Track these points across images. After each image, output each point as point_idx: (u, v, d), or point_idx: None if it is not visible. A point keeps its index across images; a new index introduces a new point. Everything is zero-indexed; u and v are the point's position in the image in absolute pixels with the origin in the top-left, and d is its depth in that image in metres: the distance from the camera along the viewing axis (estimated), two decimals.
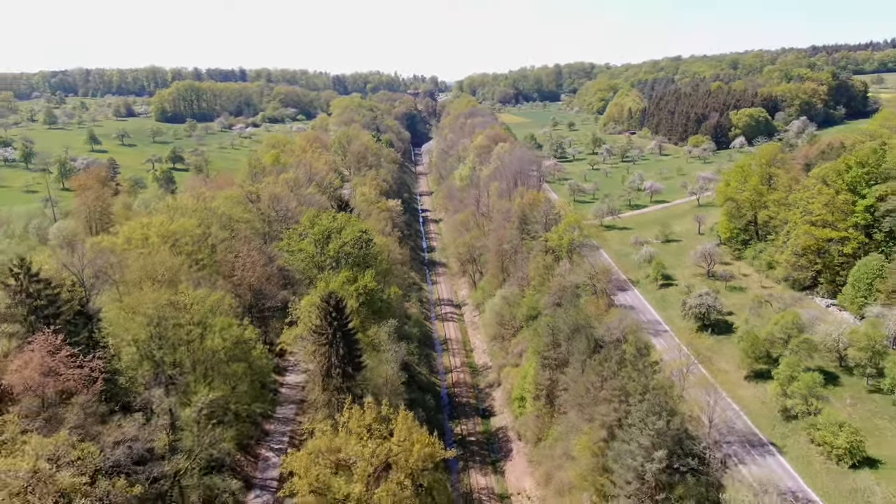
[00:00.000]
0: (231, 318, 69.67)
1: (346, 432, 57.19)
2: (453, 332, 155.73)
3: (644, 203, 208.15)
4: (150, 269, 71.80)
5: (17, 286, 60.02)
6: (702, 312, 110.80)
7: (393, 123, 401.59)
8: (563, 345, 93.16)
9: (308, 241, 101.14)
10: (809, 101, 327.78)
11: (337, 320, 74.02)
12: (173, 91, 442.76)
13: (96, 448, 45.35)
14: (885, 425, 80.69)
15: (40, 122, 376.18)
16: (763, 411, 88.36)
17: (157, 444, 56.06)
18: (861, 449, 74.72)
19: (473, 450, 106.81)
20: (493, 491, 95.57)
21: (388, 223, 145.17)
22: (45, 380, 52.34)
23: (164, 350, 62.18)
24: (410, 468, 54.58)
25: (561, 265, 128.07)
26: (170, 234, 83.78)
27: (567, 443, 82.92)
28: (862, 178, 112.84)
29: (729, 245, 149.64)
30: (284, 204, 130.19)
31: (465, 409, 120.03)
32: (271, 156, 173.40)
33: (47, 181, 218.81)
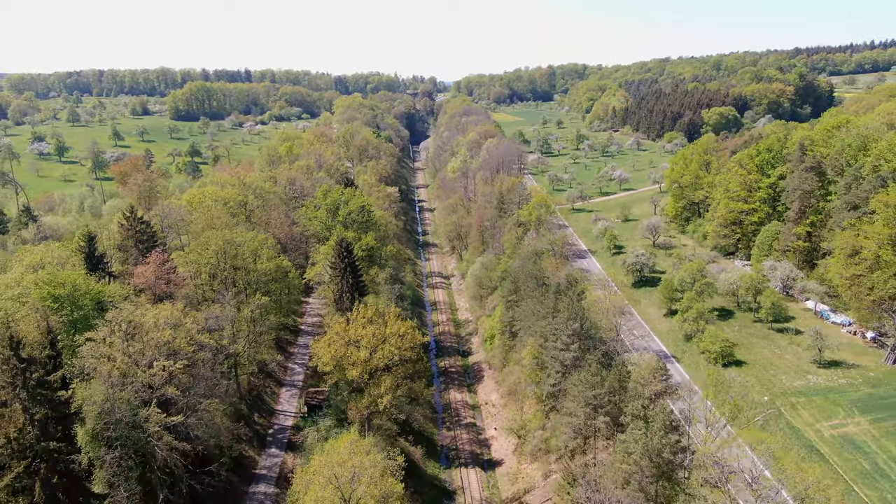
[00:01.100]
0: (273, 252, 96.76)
1: (353, 324, 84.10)
2: (442, 296, 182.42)
3: (613, 190, 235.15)
4: (210, 221, 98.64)
5: (129, 225, 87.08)
6: (637, 269, 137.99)
7: (392, 122, 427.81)
8: (522, 289, 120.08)
9: (322, 210, 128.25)
10: (777, 101, 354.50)
11: (346, 258, 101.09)
12: (186, 91, 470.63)
13: (201, 315, 72.38)
14: (756, 341, 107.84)
15: (64, 119, 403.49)
16: (671, 336, 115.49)
17: (225, 332, 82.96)
18: (731, 354, 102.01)
19: (454, 377, 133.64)
20: (468, 403, 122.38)
21: (385, 201, 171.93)
22: (157, 281, 79.45)
23: (227, 271, 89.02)
24: (398, 343, 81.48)
25: (529, 235, 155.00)
26: (220, 199, 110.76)
27: (520, 355, 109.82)
28: (767, 161, 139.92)
29: (675, 221, 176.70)
30: (300, 185, 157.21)
31: (448, 351, 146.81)
32: (285, 147, 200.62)
33: (88, 170, 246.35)
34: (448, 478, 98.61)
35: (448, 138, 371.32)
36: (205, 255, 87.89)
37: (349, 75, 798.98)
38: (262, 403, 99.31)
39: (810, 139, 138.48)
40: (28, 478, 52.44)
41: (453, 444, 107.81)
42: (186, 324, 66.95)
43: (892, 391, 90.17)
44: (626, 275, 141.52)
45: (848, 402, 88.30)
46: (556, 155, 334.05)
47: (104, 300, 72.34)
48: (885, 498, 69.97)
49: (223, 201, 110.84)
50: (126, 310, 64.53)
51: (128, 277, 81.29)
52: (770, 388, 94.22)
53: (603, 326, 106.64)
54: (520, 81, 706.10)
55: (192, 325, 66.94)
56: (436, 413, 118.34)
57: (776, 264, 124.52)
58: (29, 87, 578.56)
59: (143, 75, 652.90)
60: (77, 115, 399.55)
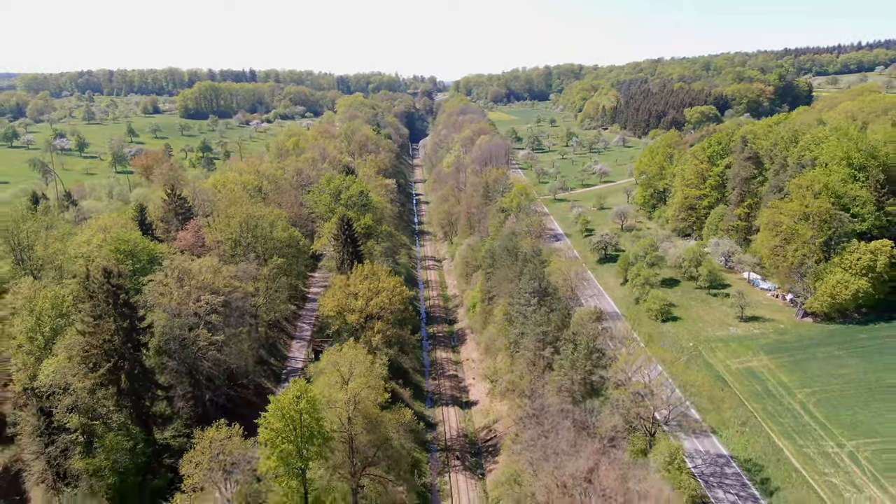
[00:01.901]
0: (286, 224, 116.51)
1: (353, 279, 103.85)
2: (433, 276, 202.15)
3: (594, 183, 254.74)
4: (232, 199, 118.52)
5: (170, 201, 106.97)
6: (602, 247, 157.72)
7: (392, 120, 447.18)
8: (497, 261, 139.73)
9: (325, 194, 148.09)
10: (757, 100, 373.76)
11: (347, 232, 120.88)
12: (196, 91, 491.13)
13: (233, 267, 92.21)
14: (693, 303, 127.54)
15: (79, 118, 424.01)
16: (624, 300, 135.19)
17: (248, 286, 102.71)
18: (669, 312, 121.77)
19: (441, 340, 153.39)
20: (451, 360, 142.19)
21: (382, 190, 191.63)
22: (194, 244, 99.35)
23: (249, 239, 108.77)
24: (389, 295, 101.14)
25: (510, 219, 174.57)
26: (240, 182, 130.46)
27: (495, 316, 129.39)
28: (717, 153, 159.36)
29: (643, 209, 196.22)
30: (306, 174, 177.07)
31: (437, 320, 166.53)
32: (292, 142, 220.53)
33: (108, 164, 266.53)
34: (432, 414, 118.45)
35: (445, 136, 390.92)
36: (231, 226, 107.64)
37: (351, 75, 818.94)
38: (276, 351, 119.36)
39: (753, 133, 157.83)
40: (115, 372, 72.33)
41: (437, 390, 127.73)
42: (223, 271, 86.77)
43: (794, 337, 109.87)
44: (592, 252, 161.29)
45: (756, 346, 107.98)
46: (546, 151, 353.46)
47: (155, 256, 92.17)
48: (767, 409, 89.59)
49: (242, 185, 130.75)
50: (178, 259, 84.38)
51: (171, 241, 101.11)
52: (696, 336, 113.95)
53: (562, 288, 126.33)
54: (517, 81, 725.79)
55: (226, 273, 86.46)
56: (424, 367, 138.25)
57: (719, 241, 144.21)
58: (42, 86, 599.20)
59: (152, 75, 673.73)
60: (92, 113, 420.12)
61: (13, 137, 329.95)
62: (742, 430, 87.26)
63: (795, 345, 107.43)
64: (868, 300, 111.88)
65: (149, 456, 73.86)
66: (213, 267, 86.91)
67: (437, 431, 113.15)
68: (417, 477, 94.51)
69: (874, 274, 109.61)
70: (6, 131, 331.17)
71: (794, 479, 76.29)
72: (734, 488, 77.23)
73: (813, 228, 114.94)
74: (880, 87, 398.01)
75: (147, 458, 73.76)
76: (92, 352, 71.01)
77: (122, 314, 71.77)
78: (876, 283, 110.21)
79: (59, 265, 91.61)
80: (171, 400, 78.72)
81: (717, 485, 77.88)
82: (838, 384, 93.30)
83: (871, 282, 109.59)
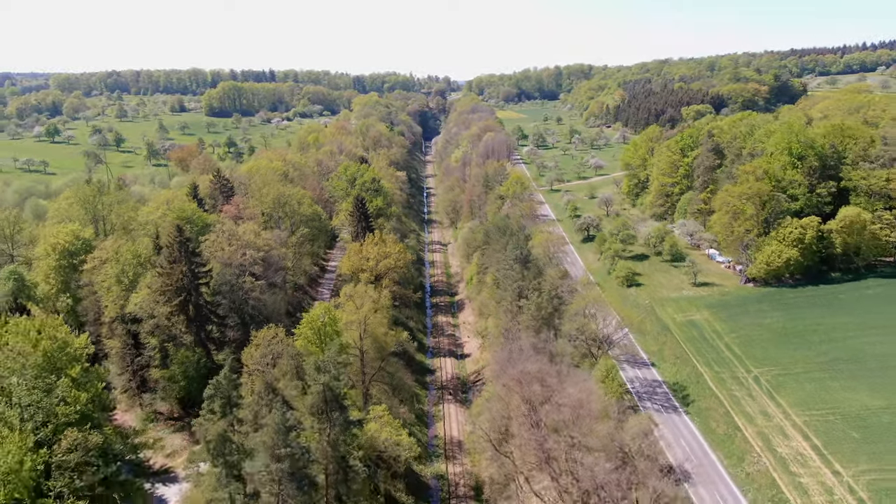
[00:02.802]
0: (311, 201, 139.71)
1: (366, 245, 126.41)
2: (439, 258, 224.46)
3: (589, 175, 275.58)
4: (265, 181, 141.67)
5: (216, 181, 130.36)
6: (584, 228, 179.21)
7: (406, 118, 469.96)
8: (491, 238, 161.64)
9: (343, 180, 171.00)
10: (752, 99, 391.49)
11: (361, 209, 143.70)
12: (220, 90, 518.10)
13: (269, 233, 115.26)
14: (656, 273, 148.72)
15: (112, 115, 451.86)
16: (598, 272, 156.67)
17: (280, 251, 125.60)
18: (633, 279, 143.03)
19: (442, 308, 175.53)
20: (451, 323, 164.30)
21: (394, 180, 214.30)
22: (236, 216, 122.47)
23: (279, 213, 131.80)
24: (395, 258, 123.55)
25: (506, 205, 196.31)
26: (270, 168, 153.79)
27: (487, 284, 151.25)
28: (688, 145, 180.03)
29: (628, 196, 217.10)
30: (325, 165, 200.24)
31: (440, 292, 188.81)
32: (312, 137, 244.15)
33: (143, 158, 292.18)
34: (431, 363, 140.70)
35: (455, 133, 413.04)
36: (265, 202, 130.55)
37: (367, 75, 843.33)
38: (301, 308, 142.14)
39: (719, 128, 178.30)
40: (184, 305, 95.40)
41: (437, 346, 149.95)
42: (262, 234, 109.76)
43: (734, 298, 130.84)
44: (577, 233, 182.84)
45: (701, 304, 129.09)
46: (550, 148, 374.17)
47: (207, 223, 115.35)
48: (698, 348, 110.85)
49: (272, 170, 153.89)
50: (227, 224, 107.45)
51: (217, 213, 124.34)
52: (653, 297, 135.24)
53: (542, 258, 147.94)
54: (528, 81, 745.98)
55: (265, 236, 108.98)
56: (426, 329, 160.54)
57: (686, 222, 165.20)
58: (73, 86, 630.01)
59: (176, 75, 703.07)
60: (124, 111, 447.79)
61: (55, 133, 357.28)
62: (675, 363, 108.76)
63: (733, 303, 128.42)
64: (798, 268, 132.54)
65: (209, 370, 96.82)
66: (255, 230, 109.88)
67: (434, 376, 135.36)
68: (417, 403, 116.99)
69: (803, 245, 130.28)
70: (48, 128, 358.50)
71: (706, 395, 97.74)
72: (660, 401, 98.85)
73: (755, 207, 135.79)
74: (871, 87, 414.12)
75: (207, 372, 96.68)
76: (167, 288, 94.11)
77: (190, 260, 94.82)
78: (804, 253, 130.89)
79: (131, 229, 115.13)
80: (224, 330, 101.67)
81: (648, 399, 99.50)
82: (759, 330, 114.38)
83: (801, 252, 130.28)
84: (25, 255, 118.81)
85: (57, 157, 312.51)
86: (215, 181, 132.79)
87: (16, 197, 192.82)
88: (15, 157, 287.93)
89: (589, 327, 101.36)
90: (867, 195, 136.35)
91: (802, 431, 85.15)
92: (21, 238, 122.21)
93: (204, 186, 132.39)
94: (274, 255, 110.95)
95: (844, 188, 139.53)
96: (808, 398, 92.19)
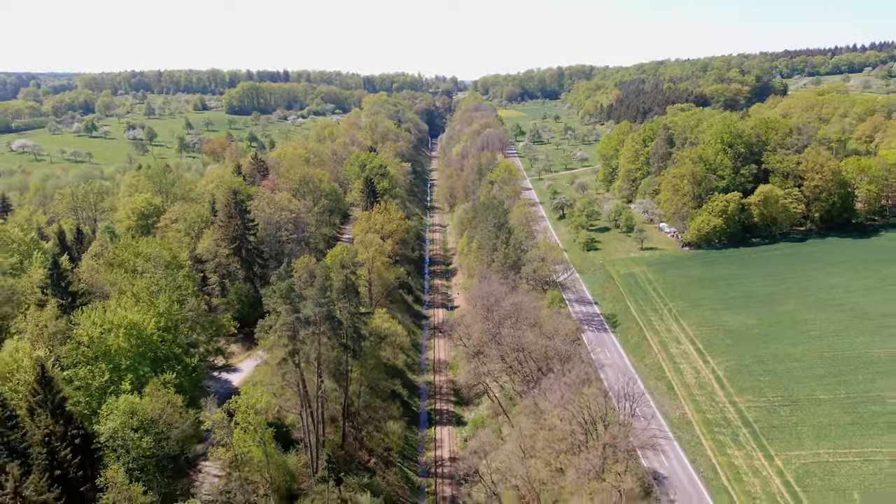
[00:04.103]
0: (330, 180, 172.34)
1: (373, 214, 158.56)
2: (438, 236, 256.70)
3: (575, 166, 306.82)
4: (291, 164, 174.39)
5: (254, 163, 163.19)
6: (559, 207, 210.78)
7: (413, 116, 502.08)
8: (478, 213, 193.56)
9: (354, 165, 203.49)
10: (734, 98, 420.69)
11: (370, 187, 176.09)
12: (239, 90, 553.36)
13: (304, 202, 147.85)
14: (613, 240, 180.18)
15: (141, 113, 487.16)
16: (568, 241, 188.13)
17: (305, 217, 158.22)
18: (592, 244, 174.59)
19: (438, 274, 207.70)
20: (444, 285, 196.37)
21: (399, 168, 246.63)
22: (272, 189, 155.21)
23: (304, 188, 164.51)
24: (396, 223, 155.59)
25: (494, 188, 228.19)
26: (295, 154, 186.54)
27: (473, 248, 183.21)
28: (648, 137, 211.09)
29: (603, 182, 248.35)
30: (340, 154, 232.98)
31: (437, 262, 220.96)
32: (327, 131, 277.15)
33: (175, 151, 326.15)
34: (427, 312, 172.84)
35: (458, 130, 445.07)
36: (292, 179, 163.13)
37: (376, 75, 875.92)
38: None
39: (674, 122, 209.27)
40: (238, 249, 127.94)
41: (432, 301, 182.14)
42: (293, 201, 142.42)
43: (670, 257, 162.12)
44: (553, 212, 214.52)
45: (642, 262, 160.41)
46: (545, 143, 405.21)
47: (250, 193, 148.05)
48: (631, 291, 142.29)
49: (297, 156, 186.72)
50: (267, 193, 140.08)
51: (257, 186, 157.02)
52: (606, 258, 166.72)
53: (518, 227, 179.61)
54: (531, 81, 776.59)
55: (295, 203, 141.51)
56: (424, 289, 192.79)
57: (643, 201, 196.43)
58: (100, 85, 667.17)
59: (196, 75, 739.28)
60: (152, 109, 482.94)
61: (93, 129, 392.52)
62: (612, 301, 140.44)
63: (667, 261, 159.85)
64: (724, 234, 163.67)
65: (255, 298, 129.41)
66: (287, 198, 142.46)
67: (428, 321, 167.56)
68: (413, 336, 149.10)
69: (727, 215, 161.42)
70: (87, 124, 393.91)
71: (630, 320, 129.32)
72: (595, 325, 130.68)
73: (691, 185, 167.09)
74: (848, 88, 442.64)
75: (254, 300, 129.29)
76: (225, 237, 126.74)
77: (241, 216, 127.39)
78: (728, 222, 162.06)
79: (191, 198, 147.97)
80: (266, 270, 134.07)
81: (587, 324, 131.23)
82: (681, 279, 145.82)
83: (724, 220, 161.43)
84: (108, 219, 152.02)
85: (97, 149, 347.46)
86: (253, 162, 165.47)
87: (77, 180, 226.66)
88: (62, 150, 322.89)
89: (542, 270, 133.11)
90: (782, 175, 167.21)
91: (691, 340, 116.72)
92: (103, 206, 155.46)
93: (245, 166, 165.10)
94: (302, 217, 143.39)
95: (765, 170, 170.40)
96: (703, 321, 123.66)
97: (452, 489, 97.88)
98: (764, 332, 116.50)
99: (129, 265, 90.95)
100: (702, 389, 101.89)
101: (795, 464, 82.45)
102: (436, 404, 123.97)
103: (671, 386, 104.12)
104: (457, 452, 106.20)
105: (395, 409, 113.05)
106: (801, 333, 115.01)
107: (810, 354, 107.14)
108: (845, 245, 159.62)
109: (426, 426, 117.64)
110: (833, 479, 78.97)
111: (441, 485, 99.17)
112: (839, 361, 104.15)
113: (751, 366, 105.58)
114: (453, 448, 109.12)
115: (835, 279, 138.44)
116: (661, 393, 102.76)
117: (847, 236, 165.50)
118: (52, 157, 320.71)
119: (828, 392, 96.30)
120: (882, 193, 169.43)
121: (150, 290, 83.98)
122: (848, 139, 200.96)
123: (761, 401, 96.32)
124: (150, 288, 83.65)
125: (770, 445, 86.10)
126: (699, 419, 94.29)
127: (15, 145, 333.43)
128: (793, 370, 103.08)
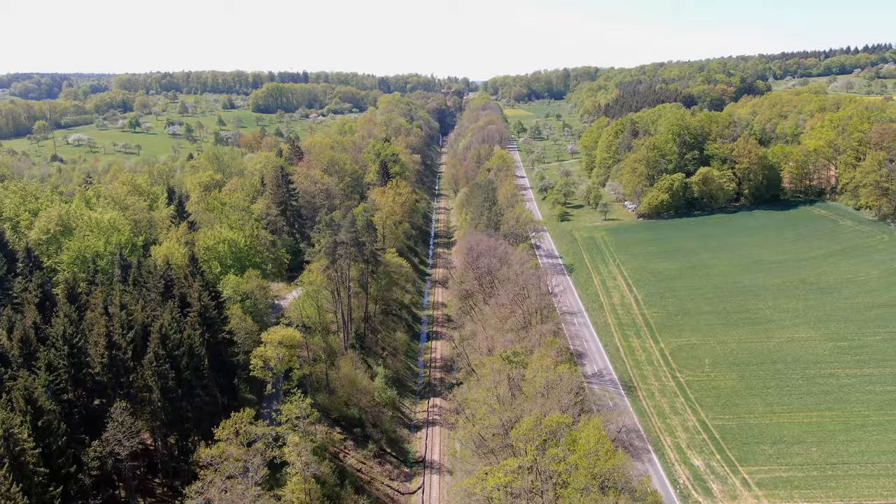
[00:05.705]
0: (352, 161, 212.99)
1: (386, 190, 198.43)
2: (443, 216, 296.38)
3: (566, 158, 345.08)
4: (321, 150, 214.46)
5: (292, 148, 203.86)
6: (543, 188, 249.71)
7: (425, 115, 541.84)
8: (474, 193, 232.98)
9: (371, 153, 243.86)
10: (720, 98, 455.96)
11: (384, 170, 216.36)
12: (264, 90, 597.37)
13: (332, 179, 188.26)
14: (584, 214, 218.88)
15: (175, 111, 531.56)
16: (547, 215, 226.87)
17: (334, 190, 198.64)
18: (566, 216, 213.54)
19: (441, 244, 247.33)
20: (446, 253, 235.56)
21: (409, 158, 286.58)
22: (308, 170, 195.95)
23: (332, 169, 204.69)
24: (403, 199, 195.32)
25: (490, 174, 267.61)
26: (323, 143, 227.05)
27: (468, 221, 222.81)
28: (619, 130, 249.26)
29: (586, 170, 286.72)
30: (358, 144, 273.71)
31: (441, 236, 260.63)
32: (348, 125, 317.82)
33: (210, 145, 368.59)
34: (429, 272, 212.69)
35: (466, 126, 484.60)
36: (322, 161, 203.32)
37: (391, 76, 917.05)
38: None
39: (640, 117, 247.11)
40: (283, 212, 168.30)
41: (435, 264, 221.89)
42: (324, 177, 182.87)
43: (625, 226, 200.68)
44: (538, 192, 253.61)
45: (602, 229, 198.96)
46: (545, 139, 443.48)
47: (290, 170, 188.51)
48: (589, 249, 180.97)
49: (324, 144, 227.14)
50: (303, 170, 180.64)
51: (295, 165, 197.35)
52: (575, 226, 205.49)
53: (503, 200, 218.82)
54: (538, 82, 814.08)
55: (325, 179, 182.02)
56: (429, 256, 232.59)
57: (613, 183, 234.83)
58: (133, 85, 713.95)
59: (222, 76, 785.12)
60: (185, 108, 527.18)
61: (136, 125, 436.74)
62: (573, 256, 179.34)
63: (623, 228, 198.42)
64: (670, 207, 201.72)
65: (297, 250, 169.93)
66: (319, 174, 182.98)
67: (432, 277, 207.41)
68: (418, 283, 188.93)
69: (672, 192, 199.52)
70: (131, 120, 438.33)
71: (583, 268, 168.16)
72: (556, 270, 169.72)
73: (646, 168, 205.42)
74: (827, 89, 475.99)
75: (295, 252, 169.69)
76: (273, 201, 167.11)
77: (287, 185, 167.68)
78: (673, 197, 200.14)
79: (244, 174, 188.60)
80: (304, 229, 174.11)
81: (551, 269, 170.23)
82: (630, 240, 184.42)
83: (670, 196, 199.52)
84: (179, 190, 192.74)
85: (142, 143, 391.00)
86: (291, 148, 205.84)
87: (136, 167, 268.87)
88: (114, 143, 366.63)
89: (517, 228, 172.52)
90: (720, 160, 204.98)
91: (624, 278, 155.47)
92: (172, 181, 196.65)
93: (285, 150, 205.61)
94: (331, 189, 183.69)
95: (706, 155, 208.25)
96: (637, 266, 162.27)
97: (442, 374, 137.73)
98: (679, 273, 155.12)
99: (219, 209, 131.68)
100: (623, 307, 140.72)
101: (673, 345, 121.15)
102: (433, 328, 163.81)
103: (601, 306, 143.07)
104: (447, 356, 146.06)
105: (402, 328, 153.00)
106: (706, 274, 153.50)
107: (707, 285, 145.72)
108: (767, 216, 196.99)
109: (425, 342, 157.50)
110: (694, 352, 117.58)
111: (433, 371, 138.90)
112: (726, 288, 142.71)
113: (663, 293, 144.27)
114: (444, 354, 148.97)
115: (749, 239, 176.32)
116: (593, 310, 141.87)
117: (772, 209, 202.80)
118: (104, 149, 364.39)
119: (710, 306, 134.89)
120: (804, 173, 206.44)
121: (238, 223, 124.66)
122: (775, 130, 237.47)
123: (662, 312, 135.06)
124: (238, 220, 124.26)
125: (660, 336, 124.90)
126: (615, 322, 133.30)
127: (71, 139, 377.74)
128: (691, 295, 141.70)
